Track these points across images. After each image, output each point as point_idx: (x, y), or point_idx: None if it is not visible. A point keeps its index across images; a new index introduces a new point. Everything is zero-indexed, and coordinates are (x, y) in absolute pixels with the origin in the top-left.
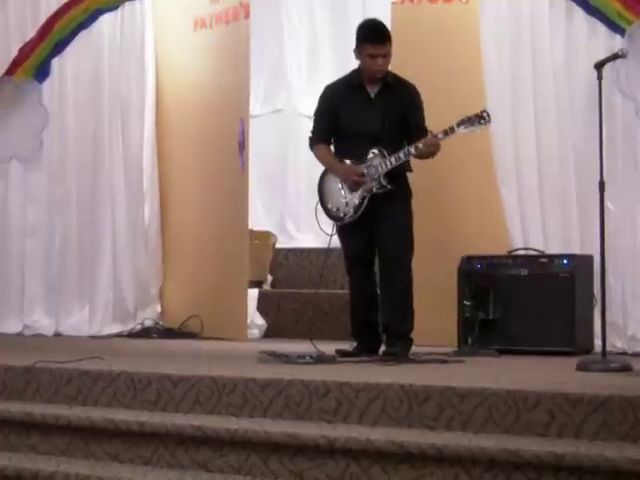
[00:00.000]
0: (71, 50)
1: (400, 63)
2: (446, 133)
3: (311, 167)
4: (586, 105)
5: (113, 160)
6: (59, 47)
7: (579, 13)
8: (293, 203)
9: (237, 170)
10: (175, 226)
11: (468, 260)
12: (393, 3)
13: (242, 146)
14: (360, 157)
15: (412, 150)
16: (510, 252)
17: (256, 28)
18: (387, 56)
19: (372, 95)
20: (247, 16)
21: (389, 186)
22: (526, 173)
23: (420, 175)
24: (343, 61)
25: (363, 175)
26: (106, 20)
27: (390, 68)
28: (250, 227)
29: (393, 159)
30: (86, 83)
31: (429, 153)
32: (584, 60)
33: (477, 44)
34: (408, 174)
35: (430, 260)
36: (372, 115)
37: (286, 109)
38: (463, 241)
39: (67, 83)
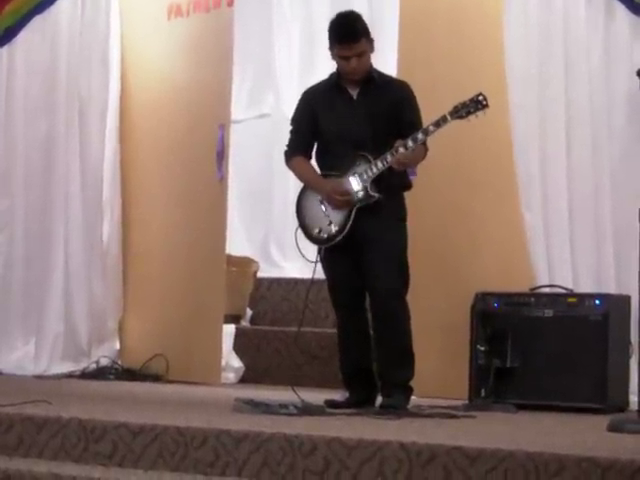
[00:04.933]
0: (22, 39)
1: (410, 59)
2: (438, 124)
3: (299, 182)
4: (627, 118)
5: (68, 169)
6: (8, 35)
7: (621, 9)
8: (279, 225)
9: (214, 184)
10: (139, 248)
11: (483, 298)
12: None
13: (221, 156)
14: (344, 168)
15: (401, 149)
16: (533, 289)
17: (241, 17)
18: (363, 55)
19: (354, 95)
20: (231, 3)
21: (376, 195)
22: (554, 197)
23: (428, 195)
24: None
25: (347, 193)
26: (64, 4)
27: (399, 64)
28: (227, 252)
29: (379, 163)
30: (39, 78)
31: (404, 164)
32: (625, 65)
33: (500, 41)
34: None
35: (438, 296)
36: (355, 117)
37: (274, 114)
38: (477, 275)
39: (16, 77)
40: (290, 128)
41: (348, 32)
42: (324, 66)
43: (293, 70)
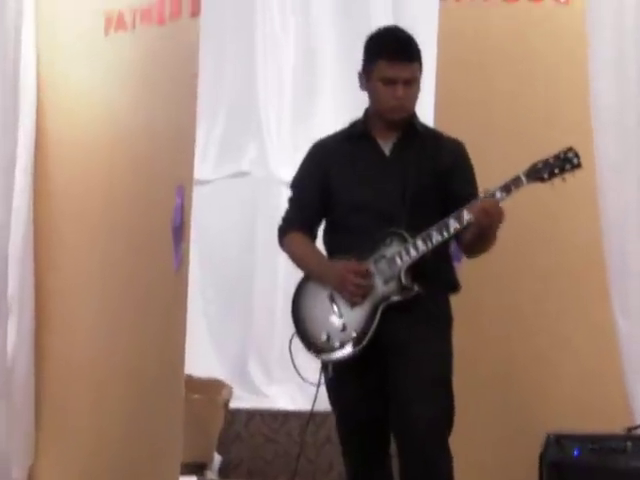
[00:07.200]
0: None
1: (454, 93)
2: (508, 189)
3: (292, 270)
4: None
5: None
6: None
7: None
8: (262, 332)
9: (169, 274)
10: (59, 364)
11: (558, 441)
12: (443, 1)
13: (179, 233)
14: (367, 248)
15: (456, 224)
16: (630, 430)
17: (210, 32)
18: (412, 84)
19: (386, 150)
20: (196, 13)
21: (415, 288)
22: None
23: (481, 292)
24: (355, 95)
25: (369, 275)
26: None
27: (437, 100)
28: (187, 372)
29: (421, 242)
30: None
31: (485, 228)
32: None
33: (583, 83)
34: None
35: (493, 438)
36: (386, 181)
37: (256, 172)
38: (550, 408)
39: None
40: (289, 195)
41: (403, 47)
42: (327, 105)
43: (284, 111)
